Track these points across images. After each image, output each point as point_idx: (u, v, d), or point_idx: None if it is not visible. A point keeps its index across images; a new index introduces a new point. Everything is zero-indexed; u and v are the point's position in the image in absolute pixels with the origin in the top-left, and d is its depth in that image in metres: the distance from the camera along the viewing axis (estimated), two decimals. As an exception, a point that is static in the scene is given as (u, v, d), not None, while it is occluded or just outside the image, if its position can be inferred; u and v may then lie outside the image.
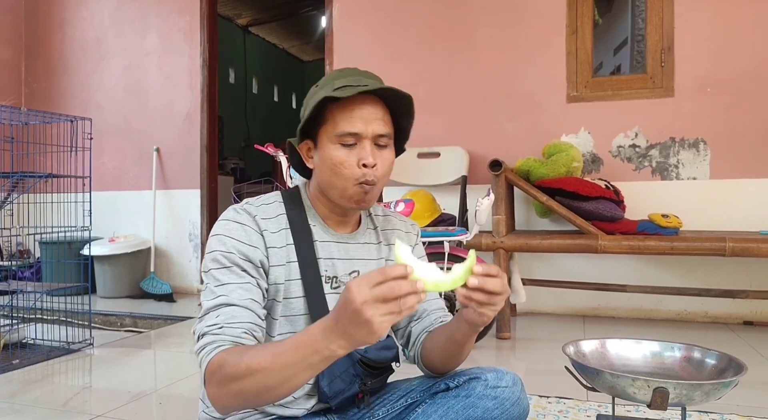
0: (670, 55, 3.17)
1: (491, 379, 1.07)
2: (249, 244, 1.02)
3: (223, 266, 1.00)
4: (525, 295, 2.97)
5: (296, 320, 1.07)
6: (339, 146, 1.03)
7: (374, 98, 1.05)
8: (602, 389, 0.98)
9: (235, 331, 0.95)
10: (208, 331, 0.95)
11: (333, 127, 1.04)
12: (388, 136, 1.06)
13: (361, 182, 1.03)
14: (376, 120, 1.04)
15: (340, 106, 1.03)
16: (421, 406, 1.12)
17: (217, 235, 1.03)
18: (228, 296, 0.98)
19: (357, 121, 1.02)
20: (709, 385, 0.89)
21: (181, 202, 4.21)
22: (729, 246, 2.52)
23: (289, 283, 1.06)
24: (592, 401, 1.86)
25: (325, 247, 1.11)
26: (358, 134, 1.02)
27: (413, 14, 3.64)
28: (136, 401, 1.96)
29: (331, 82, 1.05)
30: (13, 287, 2.71)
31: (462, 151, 3.42)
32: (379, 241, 1.20)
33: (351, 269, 1.13)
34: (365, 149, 1.03)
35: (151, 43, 4.33)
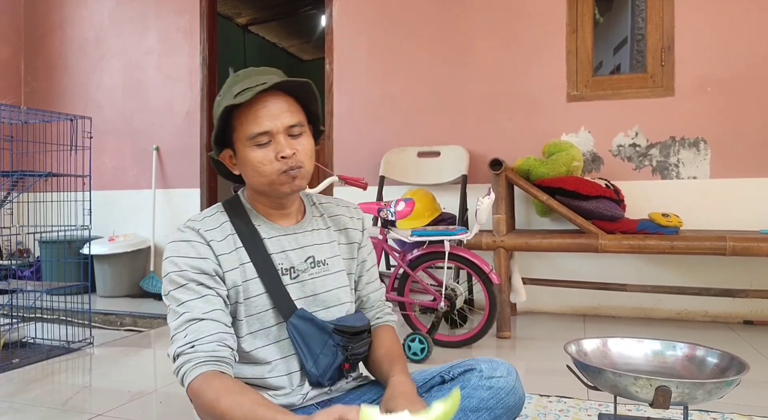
0: (670, 55, 3.17)
1: (486, 370, 1.09)
2: (199, 257, 1.06)
3: (179, 285, 1.04)
4: (525, 294, 2.96)
5: (262, 317, 1.11)
6: (255, 148, 1.07)
7: (275, 93, 1.08)
8: (604, 388, 0.98)
9: (208, 346, 1.00)
10: (182, 351, 1.00)
11: (243, 132, 1.07)
12: (299, 125, 1.09)
13: (284, 171, 1.07)
14: (282, 113, 1.07)
15: (244, 111, 1.07)
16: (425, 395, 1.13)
17: (168, 257, 1.08)
18: (191, 312, 1.02)
19: (263, 119, 1.05)
20: (712, 384, 0.89)
21: (181, 201, 4.20)
22: (729, 245, 2.52)
23: (248, 284, 1.10)
24: (593, 400, 1.86)
25: (275, 242, 1.14)
26: (269, 132, 1.06)
27: (413, 13, 3.63)
28: (136, 400, 1.96)
29: (230, 89, 1.08)
30: (13, 286, 2.70)
31: (462, 150, 3.42)
32: (328, 226, 1.24)
33: (305, 256, 1.17)
34: (280, 143, 1.06)
35: (151, 42, 4.32)
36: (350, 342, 1.14)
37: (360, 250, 1.27)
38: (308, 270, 1.16)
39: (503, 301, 2.75)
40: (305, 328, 1.11)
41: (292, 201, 1.19)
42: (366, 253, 1.29)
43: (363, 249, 1.28)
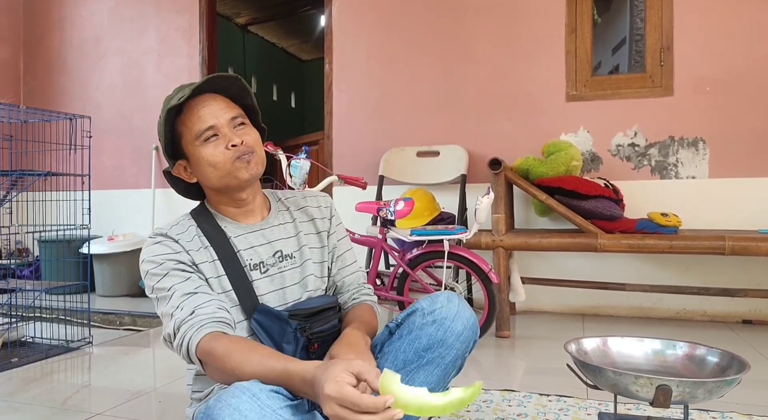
0: (669, 55, 3.17)
1: (426, 306, 1.11)
2: (174, 252, 1.11)
3: (162, 276, 1.08)
4: (524, 293, 2.97)
5: (234, 311, 1.13)
6: (204, 144, 1.12)
7: (211, 95, 1.14)
8: (605, 387, 0.98)
9: (208, 309, 1.03)
10: (182, 320, 1.02)
11: (189, 133, 1.13)
12: (240, 116, 1.15)
13: (237, 157, 1.11)
14: (221, 109, 1.12)
15: (186, 115, 1.13)
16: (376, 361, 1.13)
17: (144, 260, 1.12)
18: (180, 291, 1.05)
19: (206, 116, 1.11)
20: (712, 383, 0.89)
21: (181, 201, 4.12)
22: (728, 244, 2.53)
23: (219, 280, 1.14)
24: (593, 399, 1.86)
25: (242, 240, 1.18)
26: (214, 126, 1.11)
27: (413, 13, 3.63)
28: (135, 399, 1.96)
29: (168, 102, 1.14)
30: (12, 285, 2.70)
31: (461, 150, 3.42)
32: (294, 218, 1.27)
33: (273, 251, 1.20)
34: (226, 135, 1.11)
35: (150, 42, 4.32)
36: (306, 322, 1.15)
37: (330, 237, 1.31)
38: (277, 264, 1.20)
39: (502, 300, 2.75)
40: (265, 321, 1.13)
41: (253, 195, 1.21)
42: (336, 239, 1.32)
43: (333, 236, 1.31)
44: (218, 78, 1.13)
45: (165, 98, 1.17)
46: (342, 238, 1.34)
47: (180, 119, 1.14)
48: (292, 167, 2.57)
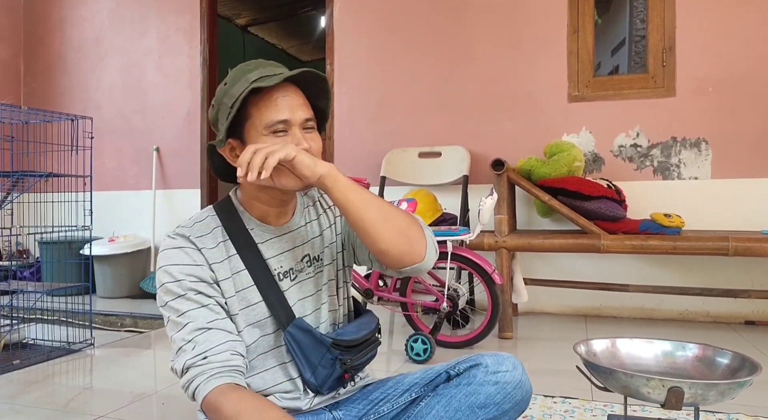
0: (671, 55, 3.17)
1: (491, 365, 1.08)
2: (194, 263, 1.03)
3: (177, 296, 1.00)
4: (527, 294, 2.96)
5: (262, 324, 1.08)
6: (271, 136, 1.02)
7: (293, 86, 1.06)
8: (615, 389, 0.97)
9: (221, 356, 0.96)
10: (193, 363, 0.95)
11: (260, 119, 1.03)
12: (312, 119, 1.07)
13: None
14: (300, 106, 1.04)
15: (263, 98, 1.03)
16: (424, 399, 1.12)
17: (161, 267, 1.03)
18: (195, 322, 0.98)
19: (284, 108, 1.02)
20: (725, 385, 0.88)
21: (181, 202, 4.19)
22: (732, 245, 2.52)
23: (244, 292, 1.07)
24: (598, 401, 1.85)
25: (269, 246, 1.11)
26: (288, 121, 1.03)
27: (414, 13, 3.63)
28: (137, 402, 1.95)
29: (244, 76, 1.04)
30: (13, 287, 2.69)
31: (463, 151, 3.42)
32: (319, 213, 1.20)
33: (301, 255, 1.14)
34: (296, 135, 1.03)
35: (151, 42, 4.31)
36: (349, 355, 1.11)
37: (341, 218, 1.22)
38: (305, 269, 1.14)
39: (505, 301, 2.75)
40: (303, 338, 1.08)
41: (293, 196, 1.15)
42: None
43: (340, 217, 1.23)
44: (309, 73, 1.04)
45: (238, 68, 1.07)
46: None
47: (253, 99, 1.03)
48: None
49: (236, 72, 1.06)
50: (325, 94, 1.11)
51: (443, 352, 2.50)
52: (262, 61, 1.08)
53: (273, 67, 1.06)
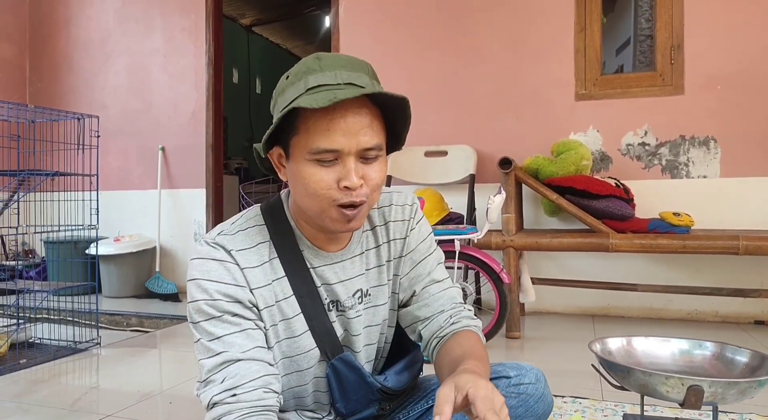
0: (679, 53, 3.14)
1: (514, 377, 1.03)
2: (234, 283, 0.89)
3: (211, 317, 0.87)
4: (534, 294, 2.94)
5: (301, 358, 0.96)
6: (315, 164, 0.84)
7: (360, 100, 0.83)
8: (632, 388, 0.96)
9: (253, 394, 0.84)
10: (221, 399, 0.83)
11: (306, 140, 0.83)
12: (377, 148, 0.86)
13: (341, 204, 0.85)
14: (362, 130, 0.83)
15: (315, 114, 0.82)
16: None
17: (195, 279, 0.89)
18: (229, 351, 0.86)
19: (337, 135, 0.82)
20: (746, 384, 0.86)
21: (187, 202, 4.19)
22: (742, 244, 2.50)
23: (288, 322, 0.94)
24: (609, 401, 1.83)
25: (319, 274, 0.97)
26: (339, 151, 0.83)
27: (419, 12, 3.62)
28: (145, 401, 1.94)
29: (305, 77, 0.84)
30: (19, 286, 2.68)
31: (470, 150, 3.40)
32: (378, 244, 1.03)
33: (353, 290, 0.99)
34: (347, 167, 0.83)
35: (156, 42, 4.31)
36: (390, 401, 1.05)
37: (404, 259, 1.05)
38: (355, 306, 1.00)
39: (513, 301, 2.73)
40: (348, 374, 0.98)
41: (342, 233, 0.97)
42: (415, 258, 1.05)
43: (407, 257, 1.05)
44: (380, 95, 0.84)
45: (304, 62, 0.87)
46: (425, 256, 1.06)
47: (305, 112, 0.83)
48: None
49: (301, 65, 0.87)
50: (404, 116, 0.89)
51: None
52: (337, 61, 0.86)
53: (344, 70, 0.85)
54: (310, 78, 0.84)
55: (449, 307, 1.04)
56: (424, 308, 1.04)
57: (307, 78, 0.84)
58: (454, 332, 1.00)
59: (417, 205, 1.09)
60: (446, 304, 1.04)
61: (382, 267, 1.03)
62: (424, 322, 1.04)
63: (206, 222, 4.14)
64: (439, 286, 1.05)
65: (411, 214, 1.06)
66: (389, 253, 1.04)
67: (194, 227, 4.16)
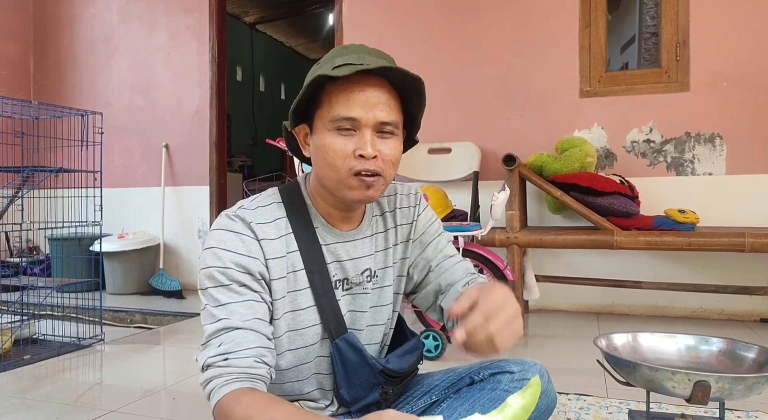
0: (685, 49, 3.12)
1: (517, 373, 1.04)
2: (247, 254, 0.92)
3: (220, 284, 0.90)
4: (538, 291, 2.93)
5: (306, 332, 0.99)
6: (335, 133, 0.91)
7: (380, 80, 0.92)
8: (638, 384, 0.95)
9: (244, 361, 0.86)
10: (213, 362, 0.86)
11: (329, 110, 0.91)
12: (393, 124, 0.93)
13: (356, 172, 0.91)
14: (379, 104, 0.90)
15: (338, 87, 0.91)
16: (446, 401, 1.09)
17: (211, 248, 0.92)
18: (230, 319, 0.88)
19: (356, 105, 0.89)
20: (753, 379, 0.85)
21: (190, 199, 4.19)
22: (748, 241, 2.48)
23: (295, 294, 0.97)
24: (613, 398, 1.82)
25: (331, 250, 1.01)
26: (357, 120, 0.90)
27: (423, 9, 3.60)
28: (148, 397, 1.94)
29: (332, 59, 0.93)
30: (23, 283, 2.69)
31: (474, 147, 3.39)
32: (386, 228, 1.09)
33: (362, 268, 1.04)
34: (364, 138, 0.90)
35: (160, 39, 4.31)
36: (392, 385, 1.05)
37: (414, 243, 1.12)
38: (363, 283, 1.04)
39: (517, 298, 2.72)
40: (351, 355, 0.99)
41: (360, 205, 1.03)
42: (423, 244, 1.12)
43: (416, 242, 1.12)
44: (395, 71, 0.90)
45: (334, 49, 0.97)
46: (435, 236, 1.13)
47: (330, 86, 0.92)
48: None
49: (330, 53, 0.97)
50: (419, 97, 0.96)
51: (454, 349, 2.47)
52: (363, 47, 0.96)
53: (368, 55, 0.93)
54: (336, 59, 0.92)
55: (465, 277, 1.09)
56: (442, 280, 1.09)
57: (333, 59, 0.93)
58: None
59: (420, 194, 1.15)
60: (462, 274, 1.09)
61: (389, 250, 1.08)
62: (444, 293, 1.09)
63: (210, 219, 4.14)
64: (453, 260, 1.12)
65: (416, 201, 1.13)
66: (396, 238, 1.10)
67: (198, 224, 4.16)
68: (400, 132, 0.96)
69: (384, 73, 0.92)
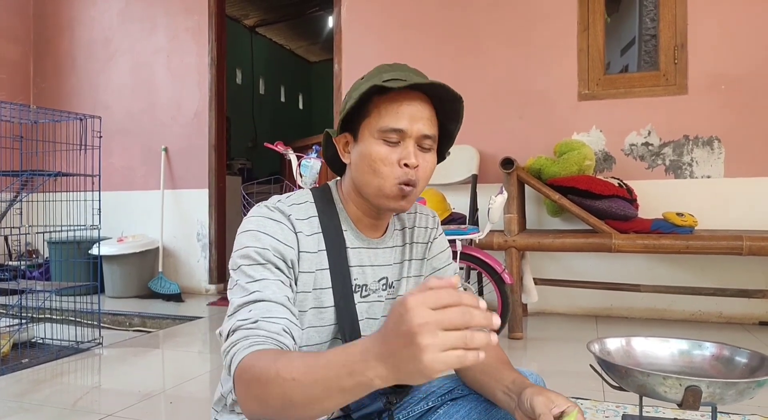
0: (683, 52, 3.13)
1: None
2: (285, 242, 0.94)
3: (256, 263, 0.92)
4: (537, 294, 2.93)
5: (322, 331, 1.01)
6: (381, 142, 0.96)
7: (423, 96, 0.97)
8: (630, 388, 0.95)
9: (274, 326, 0.85)
10: (241, 325, 0.84)
11: (377, 120, 0.96)
12: (432, 139, 0.98)
13: (401, 182, 0.95)
14: (423, 119, 0.96)
15: (387, 100, 0.96)
16: (443, 407, 1.09)
17: (250, 230, 0.94)
18: (262, 292, 0.89)
19: (403, 117, 0.95)
20: (744, 384, 0.85)
21: (189, 202, 4.19)
22: (746, 245, 2.49)
23: (320, 292, 1.00)
24: (610, 402, 1.82)
25: (356, 254, 1.04)
26: (403, 131, 0.95)
27: (422, 11, 3.61)
28: (146, 401, 1.94)
29: (380, 74, 0.98)
30: (22, 286, 2.69)
31: (472, 150, 3.39)
32: (404, 242, 1.13)
33: (380, 276, 1.07)
34: (408, 149, 0.95)
35: (159, 42, 4.32)
36: (398, 395, 1.05)
37: (426, 263, 1.16)
38: (379, 291, 1.07)
39: (515, 301, 2.72)
40: None
41: (390, 214, 1.07)
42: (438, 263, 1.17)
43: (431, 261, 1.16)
44: (443, 89, 0.95)
45: (379, 66, 1.01)
46: (445, 265, 1.18)
47: (378, 98, 0.97)
48: (303, 167, 2.56)
49: (375, 69, 1.01)
50: (457, 116, 1.02)
51: (452, 352, 2.47)
52: (405, 66, 1.02)
53: (411, 72, 0.99)
54: (384, 74, 0.97)
55: None
56: None
57: (381, 74, 0.97)
58: None
59: (438, 217, 1.21)
60: None
61: (405, 263, 1.12)
62: None
63: (209, 222, 4.14)
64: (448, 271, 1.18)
65: (435, 224, 1.18)
66: (411, 253, 1.14)
67: (197, 227, 4.17)
68: (435, 147, 1.01)
69: (429, 90, 0.97)
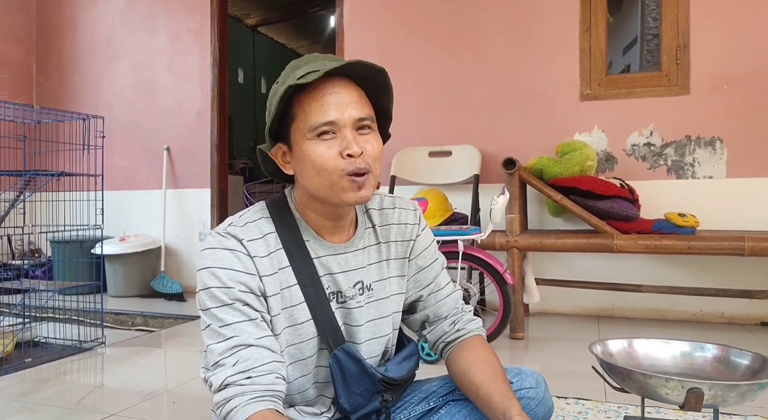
0: (685, 53, 3.13)
1: (515, 382, 1.05)
2: (246, 271, 0.92)
3: (223, 304, 0.90)
4: (538, 295, 2.93)
5: (305, 346, 0.99)
6: (317, 141, 0.91)
7: (345, 80, 0.93)
8: (632, 390, 0.95)
9: (266, 379, 0.87)
10: (234, 381, 0.86)
11: (304, 120, 0.91)
12: (369, 119, 0.94)
13: (349, 173, 0.91)
14: (351, 103, 0.92)
15: (308, 96, 0.91)
16: (444, 407, 1.10)
17: (208, 268, 0.92)
18: (240, 336, 0.88)
19: (330, 108, 0.90)
20: (746, 386, 0.86)
21: (192, 202, 4.20)
22: (748, 245, 2.48)
23: (292, 310, 0.97)
24: (612, 402, 1.82)
25: (323, 263, 1.00)
26: (335, 122, 0.90)
27: (424, 12, 3.61)
28: (148, 400, 1.95)
29: (292, 72, 0.93)
30: (25, 286, 2.70)
31: (474, 150, 3.40)
32: (379, 241, 1.08)
33: (354, 281, 1.03)
34: (346, 138, 0.91)
35: (161, 42, 4.32)
36: (392, 392, 1.06)
37: (410, 263, 1.12)
38: (356, 297, 1.03)
39: (517, 301, 2.72)
40: (350, 365, 0.99)
41: (350, 211, 1.02)
42: (421, 264, 1.12)
43: (413, 261, 1.12)
44: (360, 65, 0.91)
45: (290, 64, 0.97)
46: (431, 262, 1.14)
47: (298, 98, 0.92)
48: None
49: (287, 68, 0.97)
50: (386, 89, 0.99)
51: None
52: (316, 55, 0.97)
53: (324, 60, 0.94)
54: (297, 71, 0.92)
55: (452, 314, 1.13)
56: (430, 312, 1.13)
57: (294, 72, 0.93)
58: (461, 339, 1.10)
59: (420, 211, 1.16)
60: (450, 311, 1.13)
61: (382, 263, 1.08)
62: (431, 326, 1.14)
63: (211, 222, 4.15)
64: (444, 291, 1.14)
65: (416, 220, 1.13)
66: (389, 252, 1.10)
67: (199, 227, 4.18)
68: (375, 126, 0.98)
69: (349, 72, 0.93)
